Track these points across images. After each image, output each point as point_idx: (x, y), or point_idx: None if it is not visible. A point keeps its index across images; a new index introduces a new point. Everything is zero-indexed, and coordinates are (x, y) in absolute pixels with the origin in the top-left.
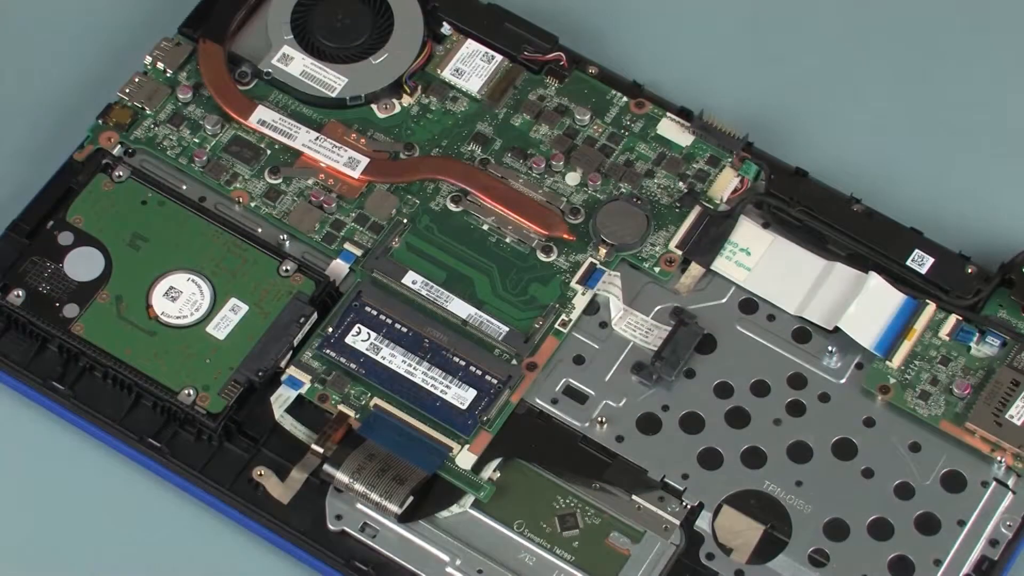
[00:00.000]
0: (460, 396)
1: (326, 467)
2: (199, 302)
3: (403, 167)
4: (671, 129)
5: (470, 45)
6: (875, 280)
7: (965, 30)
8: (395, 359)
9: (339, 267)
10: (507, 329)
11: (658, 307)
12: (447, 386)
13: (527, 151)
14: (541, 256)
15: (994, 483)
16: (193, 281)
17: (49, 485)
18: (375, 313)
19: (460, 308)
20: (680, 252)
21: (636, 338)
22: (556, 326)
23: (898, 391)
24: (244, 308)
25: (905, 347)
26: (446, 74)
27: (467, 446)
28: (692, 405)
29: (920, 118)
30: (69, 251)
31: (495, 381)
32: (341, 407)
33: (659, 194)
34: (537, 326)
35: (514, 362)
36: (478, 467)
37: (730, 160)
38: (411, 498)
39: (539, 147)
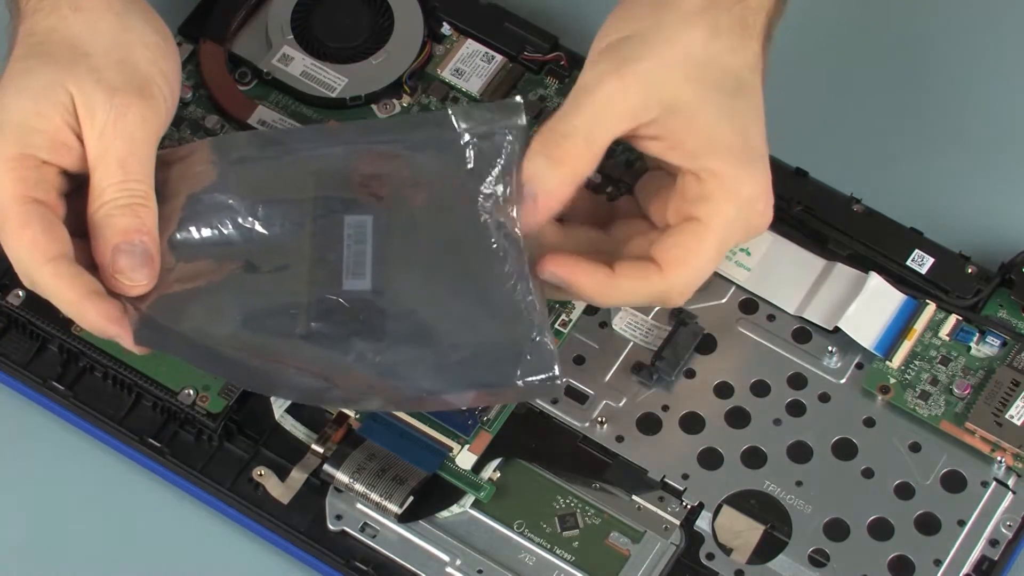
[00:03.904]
0: None
1: (326, 467)
2: None
3: None
4: None
5: (470, 45)
6: (875, 280)
7: (965, 30)
8: None
9: None
10: None
11: (658, 307)
12: None
13: None
14: None
15: (994, 483)
16: None
17: (49, 485)
18: None
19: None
20: None
21: (636, 338)
22: (556, 326)
23: (898, 391)
24: None
25: (905, 347)
26: (446, 74)
27: (467, 446)
28: (692, 405)
29: (920, 118)
30: None
31: None
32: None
33: None
34: None
35: None
36: (478, 467)
37: None
38: (411, 498)
39: None
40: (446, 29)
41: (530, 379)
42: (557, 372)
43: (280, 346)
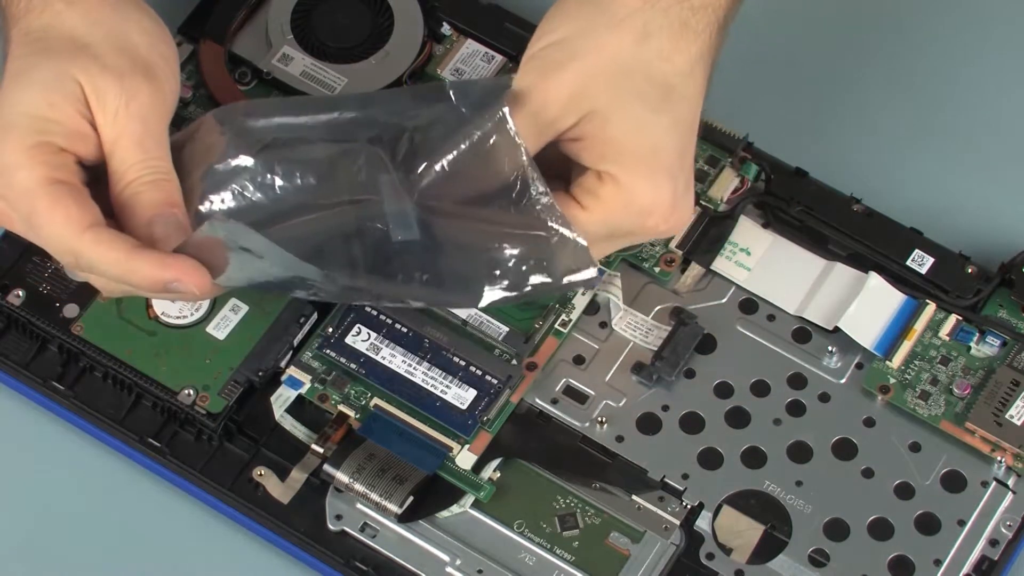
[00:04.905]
0: (460, 396)
1: (326, 467)
2: (199, 302)
3: None
4: None
5: (470, 45)
6: (875, 280)
7: (965, 29)
8: (395, 359)
9: None
10: (507, 329)
11: (658, 307)
12: (447, 386)
13: None
14: None
15: (994, 483)
16: None
17: (49, 485)
18: (375, 313)
19: (460, 308)
20: (680, 252)
21: (636, 338)
22: (556, 326)
23: (898, 391)
24: (244, 308)
25: (905, 347)
26: (446, 74)
27: (467, 446)
28: (692, 405)
29: (920, 118)
30: None
31: (495, 381)
32: (341, 407)
33: None
34: (537, 326)
35: (514, 362)
36: (478, 467)
37: (730, 160)
38: (411, 498)
39: None
40: (446, 29)
41: (571, 277)
42: (593, 261)
43: (325, 284)
